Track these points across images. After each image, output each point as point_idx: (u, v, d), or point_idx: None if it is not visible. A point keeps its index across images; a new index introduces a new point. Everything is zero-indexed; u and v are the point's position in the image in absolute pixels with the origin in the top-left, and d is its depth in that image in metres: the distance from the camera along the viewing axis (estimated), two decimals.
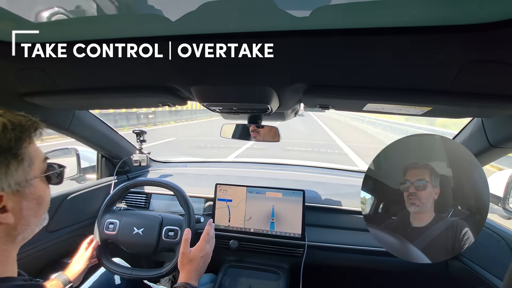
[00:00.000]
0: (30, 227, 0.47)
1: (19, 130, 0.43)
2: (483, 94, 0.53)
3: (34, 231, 0.49)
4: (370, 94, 0.59)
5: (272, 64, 0.54)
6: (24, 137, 0.44)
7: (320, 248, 1.10)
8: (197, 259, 0.75)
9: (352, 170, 1.62)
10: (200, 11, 0.39)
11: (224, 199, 1.16)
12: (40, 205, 0.48)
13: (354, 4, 0.36)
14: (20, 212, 0.44)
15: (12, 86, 0.72)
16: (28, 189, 0.45)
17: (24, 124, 0.44)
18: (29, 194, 0.45)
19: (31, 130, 0.45)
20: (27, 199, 0.45)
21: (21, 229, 0.45)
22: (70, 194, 1.13)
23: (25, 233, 0.47)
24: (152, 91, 0.69)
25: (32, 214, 0.47)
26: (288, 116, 1.01)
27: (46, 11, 0.43)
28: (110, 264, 0.95)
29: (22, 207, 0.44)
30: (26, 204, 0.45)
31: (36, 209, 0.47)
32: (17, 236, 0.45)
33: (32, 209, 0.46)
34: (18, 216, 0.44)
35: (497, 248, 0.84)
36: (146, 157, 1.43)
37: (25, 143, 0.44)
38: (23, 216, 0.45)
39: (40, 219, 0.49)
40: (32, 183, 0.46)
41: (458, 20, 0.38)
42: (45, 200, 0.50)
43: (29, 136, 0.45)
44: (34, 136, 0.46)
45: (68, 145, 1.39)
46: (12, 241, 0.45)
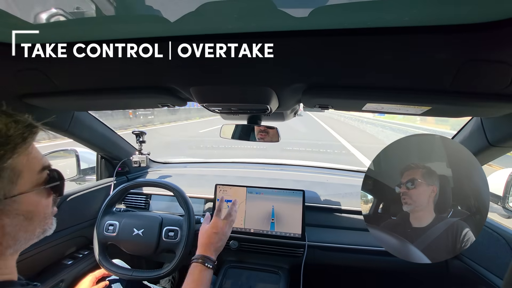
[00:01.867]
0: (20, 241, 0.43)
1: (1, 143, 0.38)
2: (482, 93, 0.53)
3: (29, 243, 0.45)
4: (369, 94, 0.59)
5: (272, 64, 0.54)
6: (5, 152, 0.38)
7: (320, 248, 1.10)
8: (208, 233, 0.76)
9: (352, 170, 1.62)
10: (200, 12, 0.39)
11: (224, 200, 1.15)
12: (31, 220, 0.43)
13: (353, 4, 0.36)
14: (2, 229, 0.40)
15: (11, 87, 0.71)
16: (10, 206, 0.40)
17: (11, 134, 0.39)
18: (12, 211, 0.40)
19: (18, 140, 0.40)
20: (10, 216, 0.40)
21: (7, 244, 0.41)
22: (69, 195, 1.13)
23: (16, 247, 0.43)
24: (152, 91, 0.69)
25: (21, 229, 0.42)
26: (287, 116, 1.02)
27: (45, 12, 0.43)
28: (110, 265, 0.95)
29: (3, 224, 0.40)
30: (10, 220, 0.40)
31: (24, 224, 0.42)
32: (4, 251, 0.41)
33: (18, 225, 0.42)
34: (1, 233, 0.40)
35: (497, 247, 0.84)
36: (145, 158, 1.43)
37: (4, 159, 0.38)
38: (7, 233, 0.40)
39: (34, 233, 0.45)
40: (14, 200, 0.40)
41: (456, 19, 0.38)
42: (38, 214, 0.44)
43: (14, 148, 0.39)
44: (23, 145, 0.41)
45: (68, 146, 1.39)
46: (2, 254, 0.41)
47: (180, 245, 0.96)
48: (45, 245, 1.02)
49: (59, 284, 1.03)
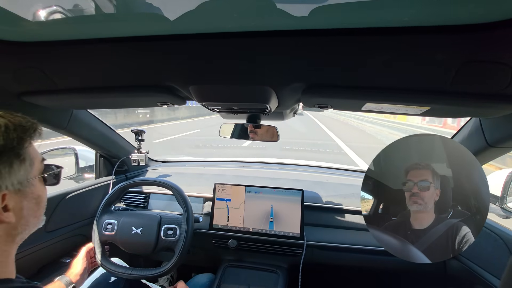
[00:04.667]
0: (29, 227, 0.48)
1: (21, 131, 0.44)
2: (481, 94, 0.53)
3: (31, 231, 0.49)
4: (368, 94, 0.59)
5: (271, 63, 0.54)
6: (25, 137, 0.45)
7: (318, 247, 1.10)
8: None
9: (351, 169, 1.62)
10: (199, 10, 0.39)
11: (223, 199, 1.16)
12: (39, 205, 0.49)
13: (352, 3, 0.36)
14: (20, 212, 0.45)
15: (10, 85, 0.71)
16: (29, 188, 0.46)
17: (24, 125, 0.45)
18: (29, 193, 0.46)
19: (31, 131, 0.46)
20: (28, 198, 0.46)
21: (21, 228, 0.46)
22: (68, 193, 1.12)
23: (24, 233, 0.48)
24: (151, 90, 0.69)
25: (32, 214, 0.47)
26: (287, 115, 1.02)
27: (44, 10, 0.42)
28: (109, 264, 0.95)
29: (22, 207, 0.45)
30: (27, 203, 0.46)
31: (35, 209, 0.48)
32: (16, 236, 0.46)
33: (31, 209, 0.47)
34: (19, 216, 0.45)
35: (494, 247, 0.84)
36: (144, 157, 1.42)
37: (26, 143, 0.45)
38: (23, 216, 0.46)
39: (39, 220, 0.50)
40: (32, 183, 0.46)
41: (456, 20, 0.38)
42: (43, 200, 0.50)
43: (30, 136, 0.46)
44: (33, 137, 0.47)
45: (66, 144, 1.39)
46: (12, 241, 0.46)
47: (179, 243, 0.96)
48: (44, 243, 1.01)
49: None
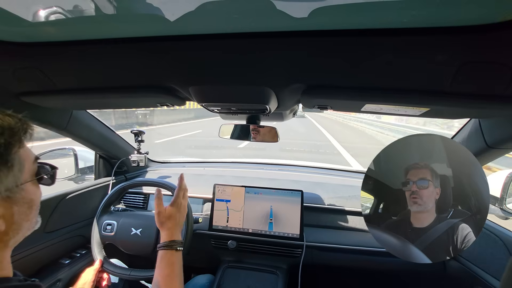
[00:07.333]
0: (22, 231, 0.46)
1: (9, 135, 0.41)
2: (480, 95, 0.53)
3: (26, 234, 0.47)
4: (368, 95, 0.59)
5: (271, 64, 0.54)
6: (14, 142, 0.42)
7: (318, 248, 1.10)
8: (174, 215, 0.75)
9: (351, 170, 1.62)
10: (199, 11, 0.39)
11: (223, 200, 1.15)
12: (31, 208, 0.47)
13: (352, 5, 0.36)
14: (11, 218, 0.43)
15: (9, 85, 0.71)
16: (19, 194, 0.43)
17: (13, 126, 0.42)
18: (20, 198, 0.44)
19: (21, 133, 0.43)
20: (19, 204, 0.44)
21: (13, 233, 0.44)
22: (67, 194, 1.12)
23: (17, 237, 0.46)
24: (151, 91, 0.69)
25: (24, 218, 0.45)
26: (286, 116, 1.02)
27: (44, 10, 0.42)
28: (108, 265, 0.95)
29: (13, 213, 0.43)
30: (18, 208, 0.44)
31: (27, 212, 0.46)
32: (8, 241, 0.44)
33: (23, 213, 0.45)
34: (10, 222, 0.43)
35: (494, 248, 0.84)
36: (144, 158, 1.42)
37: (15, 148, 0.42)
38: (15, 221, 0.43)
39: (32, 223, 0.48)
40: (23, 188, 0.44)
41: (455, 21, 0.39)
42: (36, 203, 0.48)
43: (19, 140, 0.43)
44: (24, 139, 0.44)
45: (66, 145, 1.38)
46: (4, 246, 0.44)
47: None
48: (43, 244, 1.01)
49: (56, 284, 1.03)
